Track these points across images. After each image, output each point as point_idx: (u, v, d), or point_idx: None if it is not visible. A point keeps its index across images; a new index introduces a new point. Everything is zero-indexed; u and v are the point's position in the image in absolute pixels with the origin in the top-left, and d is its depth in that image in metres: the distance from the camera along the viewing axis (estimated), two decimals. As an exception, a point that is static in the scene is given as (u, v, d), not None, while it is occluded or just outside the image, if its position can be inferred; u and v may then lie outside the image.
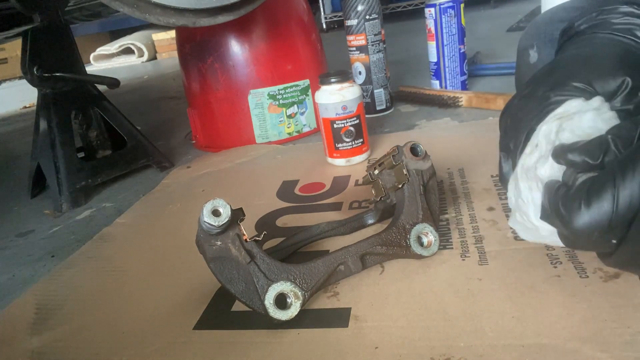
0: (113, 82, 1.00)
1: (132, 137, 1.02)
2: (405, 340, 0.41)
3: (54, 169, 0.91)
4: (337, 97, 0.80)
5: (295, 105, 1.05)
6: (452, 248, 0.53)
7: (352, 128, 0.82)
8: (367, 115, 0.96)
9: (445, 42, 1.10)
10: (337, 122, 0.81)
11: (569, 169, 0.34)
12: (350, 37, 1.08)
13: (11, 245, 0.81)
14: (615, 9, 0.42)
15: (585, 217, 0.31)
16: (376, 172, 0.58)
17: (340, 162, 0.85)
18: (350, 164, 0.84)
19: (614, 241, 0.32)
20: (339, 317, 0.46)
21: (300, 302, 0.46)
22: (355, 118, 0.81)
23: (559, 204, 0.33)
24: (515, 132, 0.39)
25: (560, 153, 0.34)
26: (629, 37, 0.41)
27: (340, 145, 0.83)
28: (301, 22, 1.09)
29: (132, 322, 0.51)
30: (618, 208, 0.30)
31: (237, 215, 0.46)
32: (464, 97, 1.06)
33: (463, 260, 0.51)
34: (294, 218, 0.69)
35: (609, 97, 0.37)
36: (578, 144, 0.33)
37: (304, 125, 1.07)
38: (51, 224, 0.86)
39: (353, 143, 0.83)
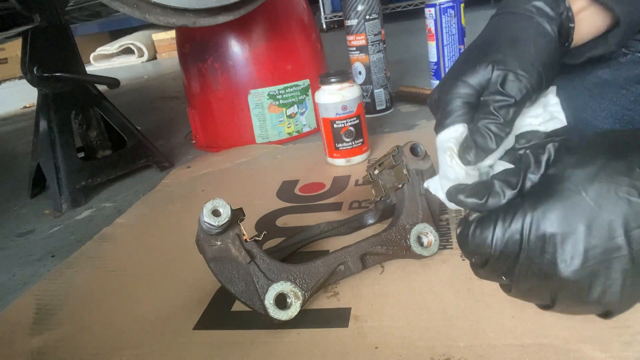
0: (113, 82, 1.00)
1: (132, 137, 1.02)
2: (405, 340, 0.41)
3: (54, 169, 0.91)
4: (337, 97, 0.80)
5: (295, 105, 1.05)
6: (452, 248, 0.53)
7: (352, 128, 0.82)
8: (367, 115, 0.96)
9: (445, 42, 1.10)
10: (337, 122, 0.81)
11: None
12: (350, 37, 1.08)
13: (11, 245, 0.81)
14: None
15: (470, 251, 0.36)
16: (376, 172, 0.58)
17: (340, 162, 0.85)
18: (350, 164, 0.84)
19: (504, 278, 0.36)
20: (339, 317, 0.46)
21: (300, 302, 0.46)
22: (355, 118, 0.81)
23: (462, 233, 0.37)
24: (436, 108, 0.42)
25: (453, 194, 0.37)
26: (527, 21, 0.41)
27: (340, 145, 0.83)
28: (301, 22, 1.09)
29: (132, 322, 0.51)
30: (496, 249, 0.34)
31: (237, 215, 0.46)
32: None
33: (463, 260, 0.51)
34: (294, 218, 0.69)
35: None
36: (468, 186, 0.37)
37: (304, 125, 1.07)
38: (51, 224, 0.86)
39: (353, 143, 0.83)
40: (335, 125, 0.81)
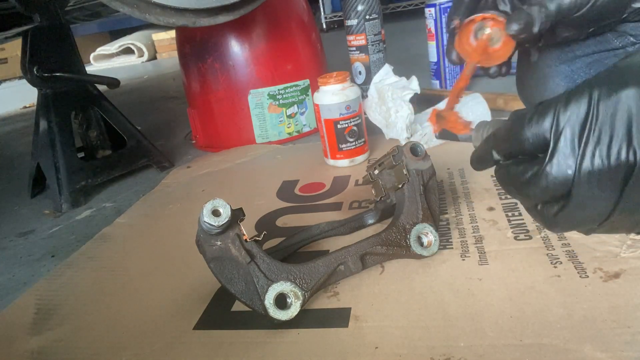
0: (113, 82, 1.00)
1: (132, 137, 1.02)
2: (405, 340, 0.41)
3: (54, 169, 0.91)
4: (340, 97, 0.79)
5: (295, 105, 1.05)
6: (452, 248, 0.53)
7: (355, 128, 0.82)
8: (365, 115, 0.96)
9: (445, 42, 1.10)
10: (340, 122, 0.81)
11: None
12: (350, 37, 1.08)
13: (11, 245, 0.81)
14: None
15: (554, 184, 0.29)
16: (376, 172, 0.58)
17: (344, 163, 0.84)
18: (354, 164, 0.84)
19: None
20: (339, 317, 0.46)
21: (300, 302, 0.46)
22: (357, 117, 0.81)
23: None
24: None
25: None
26: None
27: (344, 145, 0.82)
28: (301, 22, 1.09)
29: (132, 322, 0.51)
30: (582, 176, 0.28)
31: (237, 215, 0.46)
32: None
33: (463, 260, 0.51)
34: (294, 218, 0.69)
35: None
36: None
37: (304, 125, 1.07)
38: (51, 224, 0.86)
39: (356, 143, 0.83)
40: (339, 126, 0.81)
